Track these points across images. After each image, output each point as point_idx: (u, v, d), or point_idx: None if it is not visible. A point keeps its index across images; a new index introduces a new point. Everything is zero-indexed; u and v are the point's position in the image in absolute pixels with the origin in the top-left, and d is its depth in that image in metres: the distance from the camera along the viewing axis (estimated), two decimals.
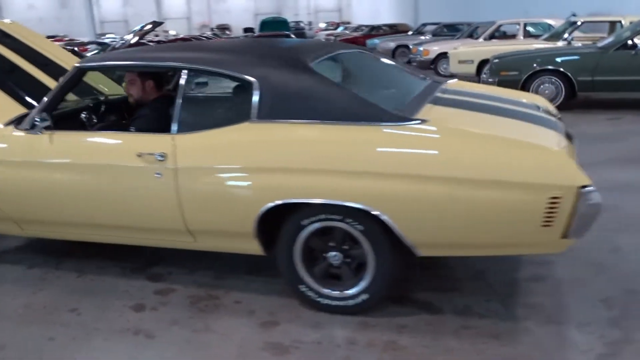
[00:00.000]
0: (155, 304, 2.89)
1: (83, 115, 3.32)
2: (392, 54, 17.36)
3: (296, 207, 2.53)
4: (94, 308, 2.87)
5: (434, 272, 3.03)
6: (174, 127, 2.69)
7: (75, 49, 11.94)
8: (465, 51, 10.12)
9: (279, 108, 2.55)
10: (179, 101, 2.73)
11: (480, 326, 2.52)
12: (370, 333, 2.51)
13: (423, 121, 2.42)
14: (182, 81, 2.76)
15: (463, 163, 2.27)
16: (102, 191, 2.82)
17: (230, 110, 2.67)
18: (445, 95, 3.02)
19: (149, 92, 3.06)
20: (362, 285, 2.59)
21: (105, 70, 3.14)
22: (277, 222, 2.61)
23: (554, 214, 2.20)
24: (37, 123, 2.85)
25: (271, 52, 2.82)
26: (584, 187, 2.18)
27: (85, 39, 25.00)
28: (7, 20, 4.64)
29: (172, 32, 44.07)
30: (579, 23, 9.49)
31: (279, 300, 2.82)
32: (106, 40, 22.78)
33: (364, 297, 2.59)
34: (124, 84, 3.19)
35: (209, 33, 38.84)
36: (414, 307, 2.71)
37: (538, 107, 3.12)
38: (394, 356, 2.34)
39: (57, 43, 21.95)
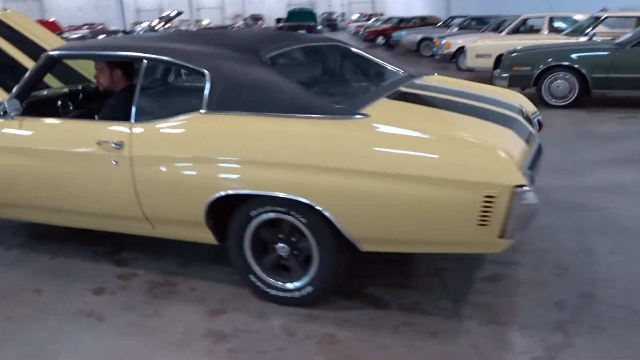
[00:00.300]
0: (115, 288, 2.96)
1: (59, 103, 3.40)
2: (417, 47, 17.16)
3: (245, 198, 2.56)
4: (56, 290, 2.97)
5: (392, 268, 3.01)
6: (132, 116, 2.75)
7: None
8: (483, 45, 9.92)
9: (227, 100, 2.57)
10: (137, 91, 2.78)
11: (422, 323, 2.50)
12: (312, 325, 2.53)
13: (365, 116, 2.40)
14: (141, 71, 2.81)
15: (398, 159, 2.25)
16: (65, 177, 2.91)
17: (186, 101, 2.71)
18: (410, 90, 2.99)
19: (117, 81, 3.12)
20: (308, 277, 2.60)
21: (75, 59, 3.21)
22: (228, 212, 2.64)
23: (489, 213, 2.16)
24: (7, 109, 2.94)
25: (230, 44, 2.83)
26: (519, 186, 2.13)
27: (117, 27, 25.48)
28: (7, 10, 4.80)
29: (205, 22, 44.56)
30: (602, 18, 9.17)
31: (233, 289, 2.86)
32: (137, 28, 23.18)
33: (309, 289, 2.60)
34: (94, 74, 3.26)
35: (240, 23, 39.12)
36: (362, 302, 2.71)
37: (511, 106, 3.04)
38: (328, 349, 2.35)
39: (85, 31, 22.21)
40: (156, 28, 12.63)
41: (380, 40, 22.87)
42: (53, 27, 22.82)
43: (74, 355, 2.39)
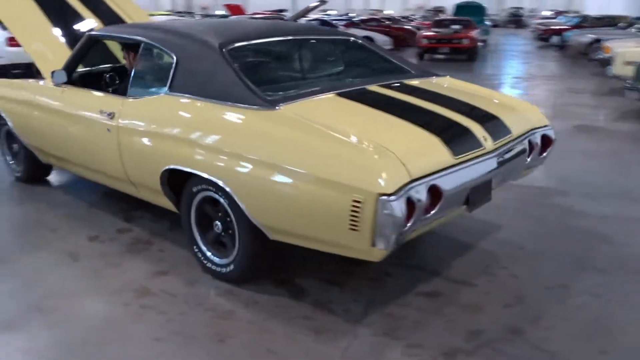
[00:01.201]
0: (107, 238, 3.44)
1: (106, 77, 3.97)
2: (586, 50, 15.49)
3: (189, 174, 2.81)
4: (66, 231, 3.55)
5: (343, 266, 3.00)
6: (127, 92, 3.16)
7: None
8: (633, 51, 8.70)
9: (181, 83, 2.84)
10: (133, 70, 3.19)
11: (319, 320, 2.52)
12: (223, 299, 2.70)
13: (274, 108, 2.50)
14: (139, 52, 3.20)
15: (285, 152, 2.31)
16: (78, 136, 3.46)
17: (162, 81, 3.02)
18: (376, 89, 2.96)
19: (132, 61, 3.56)
20: (232, 256, 2.77)
21: (107, 40, 3.71)
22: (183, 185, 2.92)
23: (357, 218, 2.12)
24: (55, 79, 3.56)
25: (206, 31, 3.05)
26: (385, 195, 2.05)
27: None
28: None
29: (387, 12, 45.00)
30: None
31: (190, 257, 3.11)
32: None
33: (231, 267, 2.78)
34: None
35: (416, 16, 38.79)
36: (285, 290, 2.79)
37: (484, 117, 2.82)
38: (218, 323, 2.51)
39: (258, 16, 23.50)
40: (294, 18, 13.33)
41: (555, 39, 20.99)
42: (237, 10, 25.01)
43: (39, 284, 2.89)
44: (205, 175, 2.62)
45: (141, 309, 2.64)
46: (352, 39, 3.61)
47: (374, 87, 2.97)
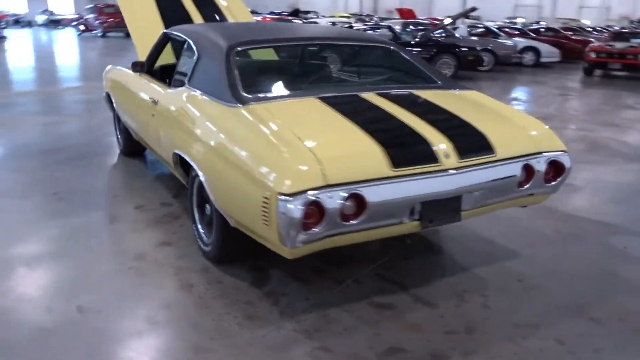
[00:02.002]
0: (150, 209, 3.94)
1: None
2: None
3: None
4: (124, 198, 4.15)
5: (319, 265, 3.09)
6: (171, 84, 3.62)
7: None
8: None
9: (194, 78, 3.18)
10: (177, 64, 3.63)
11: (257, 307, 2.66)
12: (194, 274, 2.97)
13: (238, 106, 2.72)
14: (183, 49, 3.63)
15: (232, 145, 2.53)
16: (140, 118, 4.02)
17: (188, 76, 3.38)
18: (364, 95, 2.99)
19: None
20: (212, 238, 3.04)
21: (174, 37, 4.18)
22: None
23: (266, 214, 2.23)
24: (137, 69, 4.18)
25: (229, 34, 3.33)
26: (283, 195, 2.13)
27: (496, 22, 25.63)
28: None
29: (584, 22, 41.11)
30: None
31: None
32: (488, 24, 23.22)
33: (209, 248, 3.05)
34: None
35: (616, 27, 34.72)
36: (251, 276, 2.96)
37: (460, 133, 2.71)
38: (174, 293, 2.79)
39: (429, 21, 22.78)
40: (445, 24, 13.01)
41: None
42: (408, 14, 25.18)
43: (70, 236, 3.48)
44: (190, 161, 2.93)
45: (130, 269, 3.04)
46: (381, 45, 3.61)
47: (367, 94, 2.99)
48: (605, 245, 3.52)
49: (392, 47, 3.57)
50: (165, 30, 4.10)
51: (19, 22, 34.73)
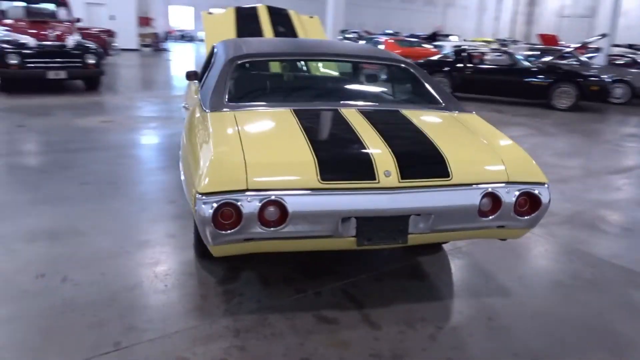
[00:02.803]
0: (180, 204, 4.30)
1: None
2: None
3: None
4: (163, 187, 4.57)
5: (288, 274, 3.17)
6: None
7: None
8: None
9: (202, 86, 3.47)
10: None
11: (208, 301, 2.81)
12: (173, 263, 3.22)
13: (208, 112, 2.94)
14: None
15: (193, 145, 2.73)
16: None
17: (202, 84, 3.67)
18: (341, 111, 3.02)
19: None
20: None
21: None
22: None
23: (194, 211, 2.39)
24: (190, 78, 4.59)
25: (244, 46, 3.54)
26: (199, 194, 2.27)
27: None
28: (312, 16, 6.47)
29: None
30: None
31: None
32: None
33: (193, 241, 3.28)
34: None
35: None
36: (223, 274, 3.12)
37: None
38: (146, 280, 3.05)
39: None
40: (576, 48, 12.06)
41: None
42: (550, 40, 23.77)
43: (113, 221, 3.94)
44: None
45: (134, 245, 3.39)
46: (393, 63, 3.56)
47: (348, 110, 3.01)
48: (621, 297, 3.11)
49: (402, 65, 3.53)
50: (214, 44, 4.46)
51: (183, 37, 38.92)
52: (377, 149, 2.55)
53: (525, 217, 2.64)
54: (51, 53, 9.69)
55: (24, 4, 10.95)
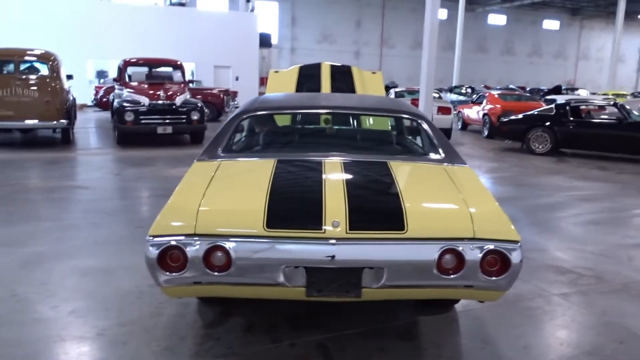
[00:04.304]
0: None
1: None
2: None
3: None
4: None
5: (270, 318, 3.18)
6: None
7: None
8: None
9: None
10: None
11: (169, 348, 2.92)
12: (168, 306, 3.39)
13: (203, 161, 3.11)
14: None
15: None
16: None
17: None
18: (326, 160, 3.05)
19: None
20: None
21: None
22: None
23: None
24: None
25: (263, 101, 3.73)
26: (149, 236, 2.42)
27: None
28: (375, 71, 6.59)
29: None
30: None
31: None
32: None
33: None
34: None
35: None
36: (211, 317, 3.21)
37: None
38: (137, 311, 3.24)
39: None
40: None
41: None
42: None
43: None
44: None
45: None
46: (401, 115, 3.52)
47: (331, 160, 3.05)
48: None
49: (411, 117, 3.48)
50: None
51: None
52: (333, 200, 2.53)
53: (494, 278, 2.43)
54: (161, 111, 10.81)
55: (146, 69, 12.41)
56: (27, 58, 10.46)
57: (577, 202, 6.90)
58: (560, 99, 14.75)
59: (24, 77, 10.12)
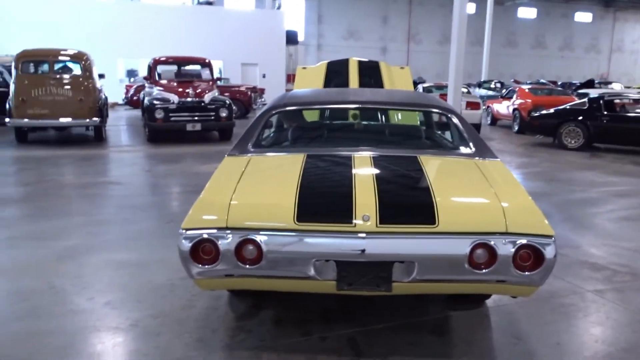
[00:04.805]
0: None
1: None
2: None
3: None
4: None
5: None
6: None
7: None
8: None
9: None
10: None
11: (200, 340, 2.96)
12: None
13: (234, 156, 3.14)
14: None
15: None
16: None
17: None
18: (356, 154, 3.04)
19: None
20: None
21: None
22: None
23: None
24: None
25: (292, 97, 3.74)
26: (182, 229, 2.47)
27: None
28: (404, 67, 6.55)
29: None
30: None
31: None
32: None
33: None
34: None
35: None
36: (243, 310, 3.25)
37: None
38: (168, 303, 3.30)
39: None
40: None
41: None
42: None
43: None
44: None
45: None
46: (431, 110, 3.49)
47: (361, 154, 3.06)
48: None
49: (441, 112, 3.45)
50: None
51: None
52: (363, 194, 2.53)
53: (528, 273, 2.39)
54: (190, 108, 10.95)
55: (175, 67, 12.58)
56: (60, 58, 10.72)
57: (611, 197, 6.74)
58: (593, 92, 14.42)
59: (58, 76, 10.37)
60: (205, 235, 2.44)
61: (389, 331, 3.02)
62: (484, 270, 2.40)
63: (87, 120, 10.47)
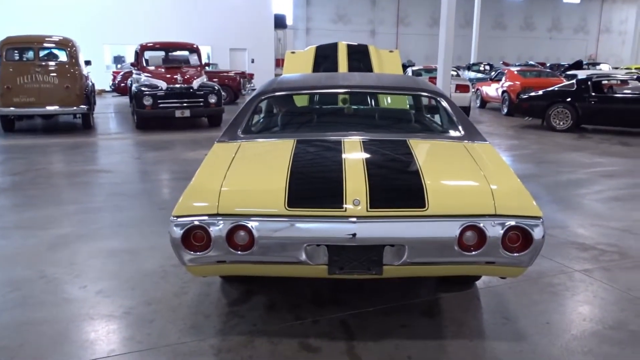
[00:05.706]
0: None
1: None
2: None
3: None
4: None
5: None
6: None
7: None
8: None
9: None
10: None
11: (194, 327, 2.98)
12: (191, 285, 3.45)
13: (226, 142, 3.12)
14: None
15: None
16: None
17: None
18: (345, 139, 3.04)
19: None
20: None
21: None
22: None
23: None
24: None
25: (280, 82, 3.73)
26: (173, 216, 2.47)
27: None
28: (393, 50, 6.53)
29: None
30: None
31: None
32: None
33: None
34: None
35: None
36: (236, 296, 3.27)
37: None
38: (162, 286, 3.31)
39: None
40: None
41: None
42: None
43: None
44: None
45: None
46: (420, 93, 3.49)
47: (350, 139, 3.05)
48: None
49: (430, 95, 3.46)
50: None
51: None
52: (353, 178, 2.54)
53: (516, 254, 2.43)
54: (179, 94, 10.86)
55: (162, 53, 12.44)
56: (46, 45, 10.57)
57: (599, 178, 6.81)
58: (582, 74, 14.49)
59: (43, 63, 10.23)
60: (196, 222, 2.44)
61: (380, 314, 3.05)
62: (473, 252, 2.42)
63: (75, 107, 10.37)
